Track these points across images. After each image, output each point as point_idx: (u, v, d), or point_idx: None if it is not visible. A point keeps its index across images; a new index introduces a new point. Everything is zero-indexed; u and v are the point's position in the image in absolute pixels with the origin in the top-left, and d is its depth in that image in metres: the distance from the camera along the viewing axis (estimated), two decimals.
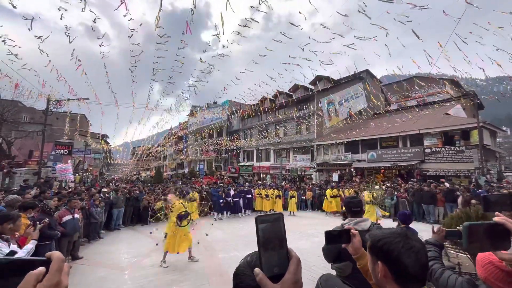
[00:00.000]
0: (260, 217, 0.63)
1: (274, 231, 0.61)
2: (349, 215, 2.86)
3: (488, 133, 16.31)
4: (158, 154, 52.02)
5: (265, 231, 0.61)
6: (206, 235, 8.65)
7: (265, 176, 27.84)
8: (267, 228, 0.62)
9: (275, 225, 0.62)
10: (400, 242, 0.81)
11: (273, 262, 0.59)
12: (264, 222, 0.62)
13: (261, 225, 0.62)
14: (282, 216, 0.65)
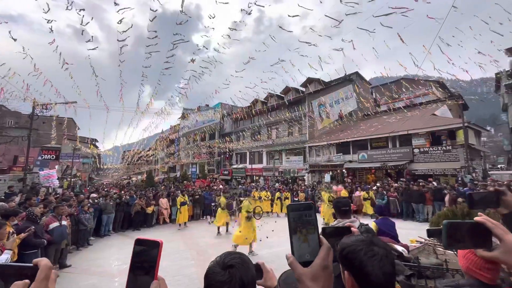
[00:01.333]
0: (291, 205, 0.65)
1: (305, 219, 0.63)
2: (338, 215, 2.90)
3: (473, 133, 16.84)
4: (149, 158, 51.31)
5: (296, 219, 0.63)
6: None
7: (258, 178, 27.82)
8: (298, 215, 0.63)
9: (306, 213, 0.64)
10: (363, 249, 0.80)
11: (305, 249, 0.61)
12: (295, 210, 0.64)
13: (292, 213, 0.64)
14: (314, 205, 0.68)
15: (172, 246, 8.07)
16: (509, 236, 0.70)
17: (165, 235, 9.90)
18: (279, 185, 19.87)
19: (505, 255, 0.70)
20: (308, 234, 0.62)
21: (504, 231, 0.72)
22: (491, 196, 1.24)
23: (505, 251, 0.70)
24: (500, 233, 0.71)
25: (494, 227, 0.72)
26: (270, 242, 7.94)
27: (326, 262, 0.59)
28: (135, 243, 0.64)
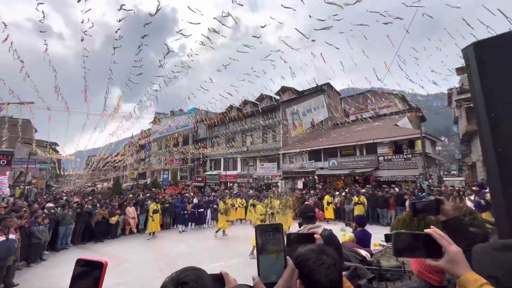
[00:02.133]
0: (259, 226, 0.66)
1: (273, 240, 0.64)
2: (304, 221, 2.99)
3: (429, 143, 18.46)
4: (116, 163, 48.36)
5: (263, 240, 0.64)
6: None
7: (232, 185, 27.58)
8: (265, 236, 0.64)
9: (273, 235, 0.65)
10: (312, 258, 0.85)
11: (271, 270, 0.61)
12: (263, 231, 0.65)
13: (260, 234, 0.65)
14: (282, 226, 0.69)
15: (139, 258, 7.63)
16: (452, 247, 0.77)
17: (132, 246, 9.34)
18: (253, 191, 19.89)
19: (448, 264, 0.76)
20: (275, 255, 0.63)
21: (449, 242, 0.78)
22: (432, 204, 1.39)
23: (448, 261, 0.76)
24: (444, 244, 0.78)
25: (439, 238, 0.79)
26: (244, 251, 7.86)
27: (289, 283, 0.60)
28: (76, 263, 0.62)
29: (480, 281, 0.71)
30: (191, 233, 11.38)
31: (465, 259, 0.77)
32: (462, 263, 0.76)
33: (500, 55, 1.12)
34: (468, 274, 0.74)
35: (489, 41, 1.19)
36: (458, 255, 0.76)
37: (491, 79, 1.12)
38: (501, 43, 1.14)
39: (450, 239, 0.80)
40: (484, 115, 1.12)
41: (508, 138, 1.06)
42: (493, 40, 1.18)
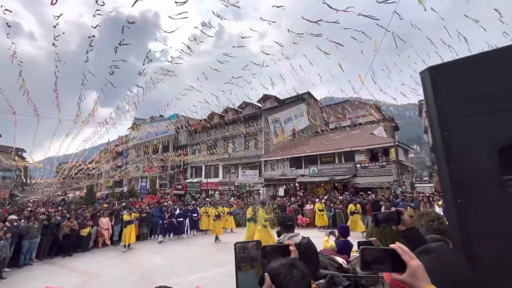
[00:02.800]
0: (238, 243, 0.68)
1: (251, 256, 0.66)
2: (284, 230, 3.02)
3: (402, 151, 19.48)
4: (91, 171, 45.88)
5: (242, 255, 0.66)
6: None
7: (213, 193, 27.16)
8: (244, 252, 0.66)
9: (252, 251, 0.66)
10: (283, 273, 0.87)
11: (249, 286, 0.63)
12: (242, 249, 0.67)
13: (238, 250, 0.66)
14: (260, 243, 0.69)
15: (112, 272, 7.21)
16: (413, 262, 0.81)
17: (105, 259, 8.81)
18: (234, 199, 19.71)
19: (409, 278, 0.80)
20: (253, 271, 0.65)
21: (410, 257, 0.83)
22: (393, 215, 1.48)
23: (409, 275, 0.80)
24: (406, 258, 0.82)
25: (402, 253, 0.83)
26: (225, 261, 7.71)
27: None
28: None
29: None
30: (169, 244, 10.98)
31: (426, 273, 0.82)
32: (422, 277, 0.80)
33: (451, 79, 1.23)
34: (426, 287, 0.78)
35: (442, 66, 1.30)
36: (418, 269, 0.80)
37: (444, 101, 1.23)
38: (452, 68, 1.26)
39: (413, 254, 0.85)
40: (438, 134, 1.21)
41: (459, 155, 1.16)
42: (446, 65, 1.30)
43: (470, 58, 1.22)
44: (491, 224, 1.07)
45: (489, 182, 1.08)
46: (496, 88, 1.11)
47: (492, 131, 1.10)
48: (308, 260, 2.64)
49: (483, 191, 1.09)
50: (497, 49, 1.17)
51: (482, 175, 1.10)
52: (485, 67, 1.16)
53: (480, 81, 1.15)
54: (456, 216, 1.12)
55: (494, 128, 1.10)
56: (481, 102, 1.13)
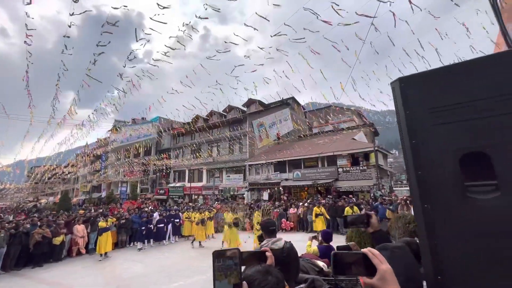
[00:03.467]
0: (216, 252, 0.67)
1: (230, 266, 0.64)
2: (266, 235, 3.02)
3: (382, 155, 20.23)
4: (66, 175, 43.59)
5: (220, 265, 0.64)
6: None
7: (197, 198, 26.67)
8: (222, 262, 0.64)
9: (231, 262, 0.65)
10: (257, 279, 0.91)
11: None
12: (220, 256, 0.65)
13: (217, 259, 0.65)
14: (239, 251, 0.68)
15: (86, 283, 6.84)
16: (383, 266, 0.83)
17: (79, 269, 8.34)
18: (219, 203, 19.47)
19: (379, 281, 0.81)
20: (227, 280, 0.64)
21: (381, 261, 0.84)
22: (362, 218, 1.56)
23: (378, 279, 0.82)
24: (376, 262, 0.83)
25: (372, 257, 0.85)
26: (206, 267, 7.54)
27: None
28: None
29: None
30: (149, 251, 10.61)
31: (395, 278, 0.84)
32: (391, 281, 0.81)
33: (419, 90, 1.30)
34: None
35: (411, 77, 1.37)
36: (388, 272, 0.82)
37: (412, 110, 1.29)
38: (420, 80, 1.33)
39: (383, 258, 0.87)
40: (407, 142, 1.27)
41: (426, 163, 1.22)
42: (414, 76, 1.37)
43: (436, 71, 1.30)
44: (455, 228, 1.13)
45: (452, 188, 1.15)
46: (458, 99, 1.18)
47: (455, 140, 1.17)
48: (290, 264, 2.65)
49: (447, 196, 1.15)
50: (460, 63, 1.25)
51: (447, 182, 1.16)
52: (448, 79, 1.24)
53: (444, 92, 1.23)
54: (423, 220, 1.18)
55: (456, 137, 1.17)
56: (444, 112, 1.20)
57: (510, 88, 1.09)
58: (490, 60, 1.18)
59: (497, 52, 1.14)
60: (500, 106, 1.10)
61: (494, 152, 1.08)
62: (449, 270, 1.09)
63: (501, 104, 1.09)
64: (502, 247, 1.02)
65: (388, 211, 10.25)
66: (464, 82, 1.21)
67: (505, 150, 1.07)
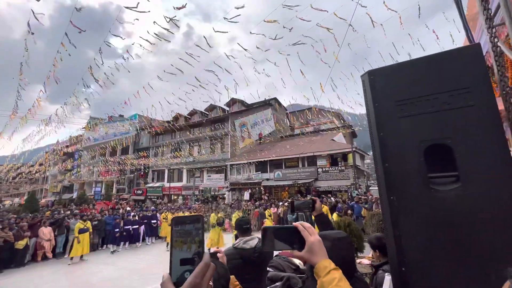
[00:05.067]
0: (176, 218, 0.58)
1: (190, 233, 0.56)
2: (240, 234, 2.96)
3: (359, 156, 20.94)
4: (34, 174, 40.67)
5: (179, 233, 0.56)
6: None
7: (176, 198, 26.03)
8: (182, 230, 0.56)
9: (191, 227, 0.56)
10: None
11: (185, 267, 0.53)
12: (180, 224, 0.57)
13: (175, 227, 0.56)
14: (202, 217, 0.59)
15: None
16: (311, 238, 0.81)
17: (44, 275, 7.75)
18: (199, 204, 19.13)
19: (307, 254, 0.80)
20: (193, 250, 0.55)
21: (310, 233, 0.82)
22: (308, 203, 1.63)
23: (306, 251, 0.80)
24: (305, 235, 0.82)
25: (302, 230, 0.82)
26: None
27: (199, 280, 0.51)
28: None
29: (329, 267, 0.77)
30: (123, 254, 10.14)
31: (324, 248, 0.82)
32: (319, 252, 0.80)
33: (386, 83, 1.30)
34: (321, 262, 0.78)
35: (379, 70, 1.37)
36: (315, 244, 0.80)
37: (380, 103, 1.29)
38: (387, 72, 1.34)
39: (315, 231, 0.84)
40: (375, 134, 1.27)
41: (392, 155, 1.22)
42: (382, 69, 1.38)
43: (402, 64, 1.31)
44: (418, 220, 1.13)
45: (417, 180, 1.15)
46: (421, 92, 1.20)
47: (419, 132, 1.18)
48: (263, 264, 2.61)
49: (412, 188, 1.16)
50: (423, 57, 1.27)
51: (411, 174, 1.17)
52: (413, 73, 1.25)
53: (409, 85, 1.24)
54: (389, 212, 1.18)
55: (420, 129, 1.18)
56: (410, 105, 1.21)
57: (469, 81, 1.12)
58: (450, 54, 1.21)
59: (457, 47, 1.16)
60: (460, 99, 1.12)
61: (455, 144, 1.10)
62: (411, 261, 1.10)
63: (461, 97, 1.12)
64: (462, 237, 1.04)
65: (363, 209, 10.60)
66: (427, 75, 1.23)
67: (465, 142, 1.09)
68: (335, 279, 0.74)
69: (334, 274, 0.75)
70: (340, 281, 0.74)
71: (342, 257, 1.01)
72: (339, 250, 1.06)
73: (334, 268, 0.77)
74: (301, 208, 1.66)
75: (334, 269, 0.77)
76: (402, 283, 1.10)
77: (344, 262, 0.89)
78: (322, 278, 0.76)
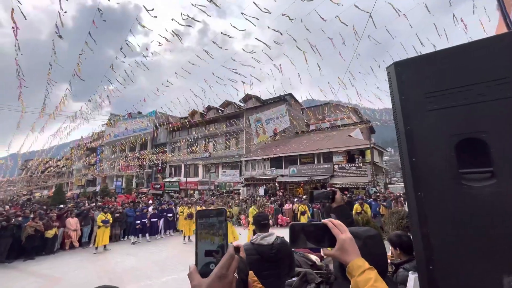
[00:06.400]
0: (200, 211, 0.60)
1: (214, 226, 0.58)
2: (257, 230, 2.98)
3: (377, 153, 20.33)
4: (60, 168, 43.14)
5: (203, 225, 0.58)
6: None
7: (192, 193, 26.63)
8: (206, 222, 0.58)
9: (215, 220, 0.58)
10: None
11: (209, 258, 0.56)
12: (204, 217, 0.59)
13: (200, 220, 0.59)
14: (225, 210, 0.62)
15: (78, 277, 6.77)
16: (342, 235, 0.78)
17: (72, 263, 8.26)
18: (214, 198, 19.46)
19: (338, 252, 0.78)
20: (217, 242, 0.58)
21: (341, 230, 0.79)
22: (327, 193, 1.58)
23: (337, 249, 0.78)
24: (336, 232, 0.79)
25: (332, 227, 0.80)
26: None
27: (225, 271, 0.53)
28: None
29: (363, 267, 0.73)
30: (143, 245, 10.57)
31: (356, 246, 0.79)
32: (352, 251, 0.77)
33: (414, 74, 1.25)
34: (354, 261, 0.75)
35: (407, 61, 1.32)
36: (347, 242, 0.78)
37: (408, 96, 1.24)
38: (415, 64, 1.28)
39: (346, 228, 0.82)
40: (402, 128, 1.22)
41: (420, 149, 1.17)
42: (410, 60, 1.32)
43: (432, 54, 1.25)
44: (448, 216, 1.09)
45: (447, 176, 1.10)
46: (453, 84, 1.13)
47: (450, 126, 1.12)
48: (281, 261, 2.62)
49: (441, 184, 1.11)
50: (456, 46, 1.20)
51: (441, 169, 1.12)
52: (444, 63, 1.19)
53: (439, 77, 1.18)
54: (416, 209, 1.14)
55: (452, 123, 1.12)
56: (440, 97, 1.15)
57: (507, 71, 1.05)
58: (486, 42, 1.13)
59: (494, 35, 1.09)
60: (497, 91, 1.05)
61: (490, 138, 1.04)
62: (440, 260, 1.06)
63: (497, 88, 1.05)
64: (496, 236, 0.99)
65: (382, 207, 10.32)
66: (459, 65, 1.16)
67: (501, 136, 1.03)
68: (370, 279, 0.71)
69: (369, 273, 0.73)
70: (377, 281, 0.71)
71: (375, 257, 0.98)
72: (371, 249, 1.02)
73: (369, 267, 0.74)
74: (320, 198, 1.60)
75: (369, 269, 0.73)
76: (430, 282, 1.06)
77: (376, 262, 0.86)
78: (356, 278, 0.73)
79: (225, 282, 0.53)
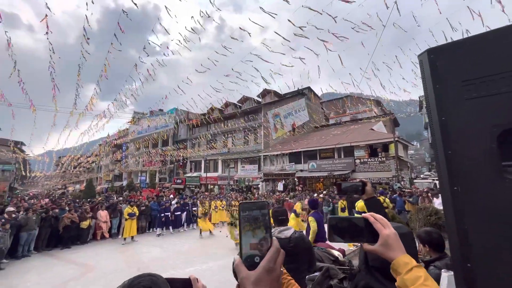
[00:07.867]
0: (243, 204, 0.61)
1: (258, 219, 0.59)
2: (275, 224, 3.00)
3: (402, 147, 19.44)
4: (90, 164, 45.96)
5: (247, 218, 0.59)
6: None
7: (213, 187, 27.24)
8: (250, 215, 0.59)
9: (258, 213, 0.59)
10: None
11: (254, 251, 0.56)
12: (247, 210, 0.60)
13: (243, 212, 0.59)
14: (268, 203, 0.63)
15: (109, 265, 7.24)
16: (385, 231, 0.75)
17: (103, 252, 8.85)
18: (234, 193, 19.76)
19: (381, 248, 0.75)
20: (260, 235, 0.59)
21: (384, 226, 0.76)
22: (357, 186, 1.50)
23: (381, 244, 0.75)
24: (378, 227, 0.76)
25: (374, 222, 0.77)
26: (221, 254, 7.74)
27: (272, 264, 0.54)
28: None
29: (410, 264, 0.71)
30: (168, 237, 11.04)
31: (401, 243, 0.76)
32: (396, 246, 0.74)
33: (450, 61, 1.17)
34: (400, 257, 0.72)
35: (441, 48, 1.24)
36: (391, 237, 0.75)
37: (442, 84, 1.17)
38: (451, 50, 1.20)
39: (387, 222, 0.79)
40: (436, 119, 1.16)
41: (456, 141, 1.11)
42: (445, 47, 1.24)
43: (470, 39, 1.16)
44: (488, 212, 1.02)
45: (487, 169, 1.03)
46: (495, 70, 1.05)
47: (491, 116, 1.04)
48: (299, 255, 2.61)
49: (481, 177, 1.04)
50: (497, 29, 1.10)
51: (481, 161, 1.05)
52: (484, 48, 1.10)
53: (479, 63, 1.09)
54: (452, 204, 1.08)
55: (494, 112, 1.04)
56: (480, 85, 1.07)
57: None
58: None
59: None
60: None
61: None
62: (479, 258, 1.00)
63: None
64: None
65: (407, 203, 9.90)
66: (502, 50, 1.07)
67: None
68: (420, 278, 0.68)
69: (418, 271, 0.70)
70: (427, 280, 0.68)
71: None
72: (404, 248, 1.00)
73: (416, 265, 0.71)
74: (349, 191, 1.53)
75: (416, 267, 0.71)
76: (468, 281, 1.01)
77: None
78: (403, 275, 0.70)
79: (273, 276, 0.53)
